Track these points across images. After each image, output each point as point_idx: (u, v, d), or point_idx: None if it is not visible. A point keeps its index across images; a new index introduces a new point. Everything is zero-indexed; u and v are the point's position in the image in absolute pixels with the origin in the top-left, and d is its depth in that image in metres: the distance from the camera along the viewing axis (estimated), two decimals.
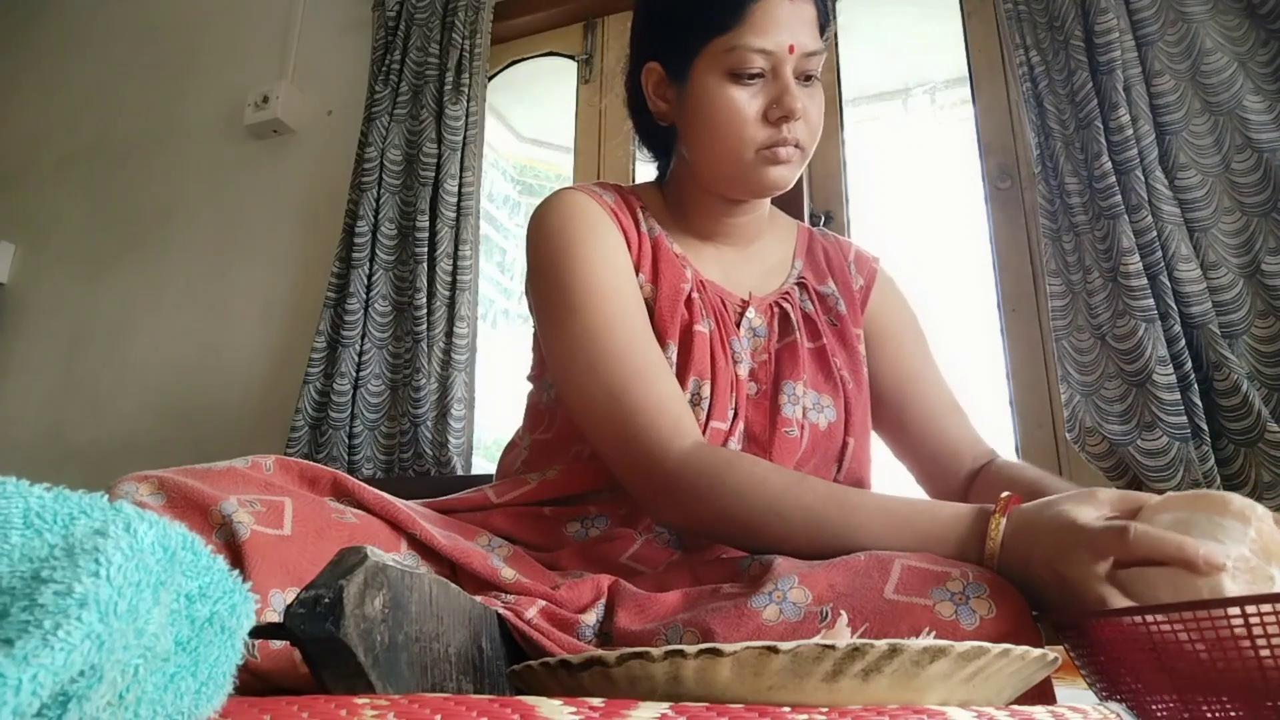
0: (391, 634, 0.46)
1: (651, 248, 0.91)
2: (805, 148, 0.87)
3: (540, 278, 0.89)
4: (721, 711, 0.38)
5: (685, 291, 0.88)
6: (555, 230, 0.88)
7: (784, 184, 0.88)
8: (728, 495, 0.72)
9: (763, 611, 0.60)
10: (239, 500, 0.62)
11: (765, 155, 0.85)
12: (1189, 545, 0.53)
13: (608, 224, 0.89)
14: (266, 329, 2.10)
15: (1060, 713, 0.43)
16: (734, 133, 0.84)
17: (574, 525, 0.86)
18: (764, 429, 0.87)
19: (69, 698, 0.28)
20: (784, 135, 0.84)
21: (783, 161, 0.85)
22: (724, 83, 0.84)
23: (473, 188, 1.92)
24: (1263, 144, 1.32)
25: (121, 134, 2.47)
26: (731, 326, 0.90)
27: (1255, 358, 1.28)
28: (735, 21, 0.83)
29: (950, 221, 1.77)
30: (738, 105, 0.84)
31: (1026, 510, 0.64)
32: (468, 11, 2.01)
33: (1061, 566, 0.58)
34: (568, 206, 0.89)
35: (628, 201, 0.94)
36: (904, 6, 1.93)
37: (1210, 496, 0.58)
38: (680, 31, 0.87)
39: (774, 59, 0.83)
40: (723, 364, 0.87)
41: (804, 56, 0.84)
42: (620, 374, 0.80)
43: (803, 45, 0.84)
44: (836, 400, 0.91)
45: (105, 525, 0.31)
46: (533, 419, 0.96)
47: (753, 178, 0.86)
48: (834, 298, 0.97)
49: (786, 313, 0.93)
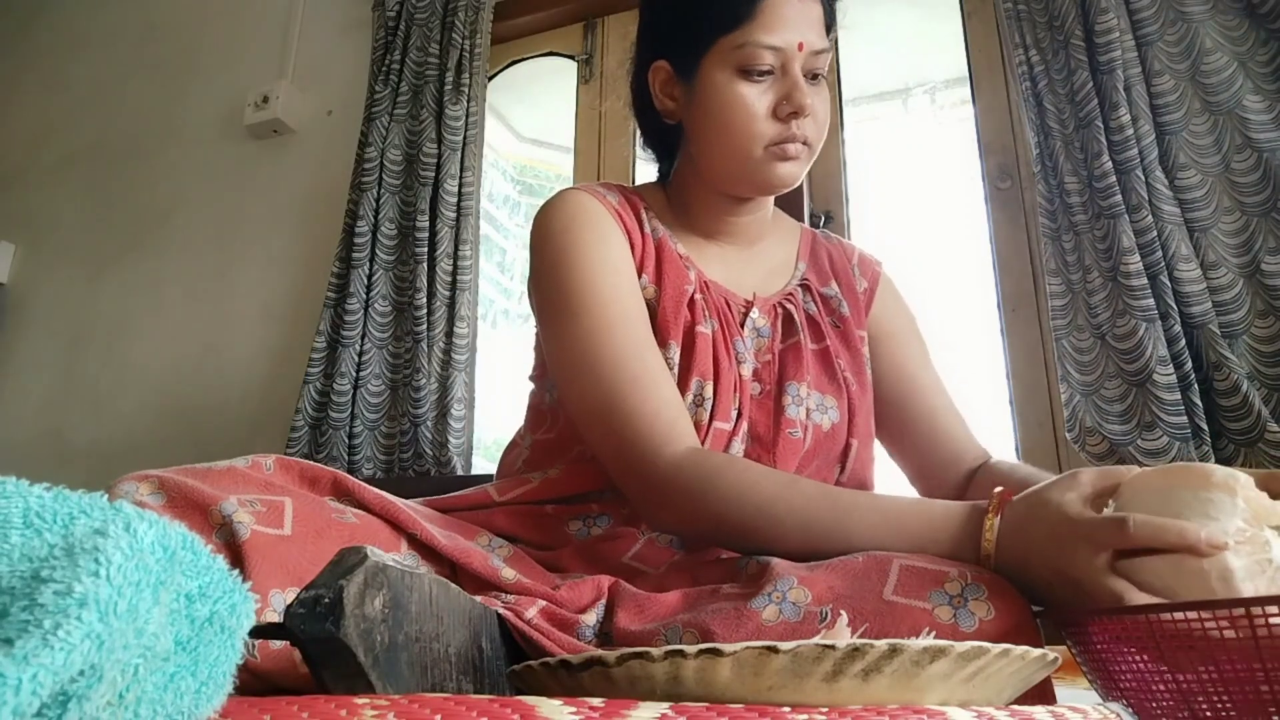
0: (392, 634, 0.46)
1: (655, 248, 0.91)
2: (813, 145, 0.88)
3: (543, 279, 0.89)
4: (721, 711, 0.38)
5: (689, 293, 0.89)
6: (559, 231, 0.88)
7: (791, 180, 0.88)
8: (720, 500, 0.72)
9: (762, 612, 0.60)
10: (239, 500, 0.62)
11: (774, 151, 0.85)
12: (1189, 530, 0.53)
13: (611, 225, 0.89)
14: (266, 329, 2.10)
15: (1060, 713, 0.43)
16: (743, 128, 0.85)
17: (576, 524, 0.86)
18: (768, 429, 0.87)
19: (69, 697, 0.28)
20: (793, 131, 0.85)
21: (792, 158, 0.86)
22: (734, 79, 0.85)
23: (473, 188, 1.92)
24: (1262, 144, 1.32)
25: (121, 134, 2.47)
26: (735, 327, 0.90)
27: (1255, 358, 1.28)
28: (746, 18, 0.84)
29: (950, 221, 1.77)
30: (747, 101, 0.84)
31: (1017, 506, 0.64)
32: (468, 11, 2.01)
33: (1063, 565, 0.58)
34: (571, 207, 0.90)
35: (631, 202, 0.94)
36: (904, 6, 1.93)
37: (1190, 470, 0.57)
38: (689, 29, 0.88)
39: (783, 56, 0.84)
40: (726, 364, 0.87)
41: (812, 54, 0.85)
42: (618, 379, 0.80)
43: (811, 43, 0.85)
44: (840, 402, 0.91)
45: (105, 525, 0.31)
46: (534, 419, 0.97)
47: (761, 174, 0.87)
48: (837, 299, 0.98)
49: (790, 314, 0.93)
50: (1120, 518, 0.56)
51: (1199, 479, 0.56)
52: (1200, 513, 0.55)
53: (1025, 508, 0.63)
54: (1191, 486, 0.56)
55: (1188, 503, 0.56)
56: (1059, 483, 0.63)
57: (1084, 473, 0.63)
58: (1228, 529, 0.53)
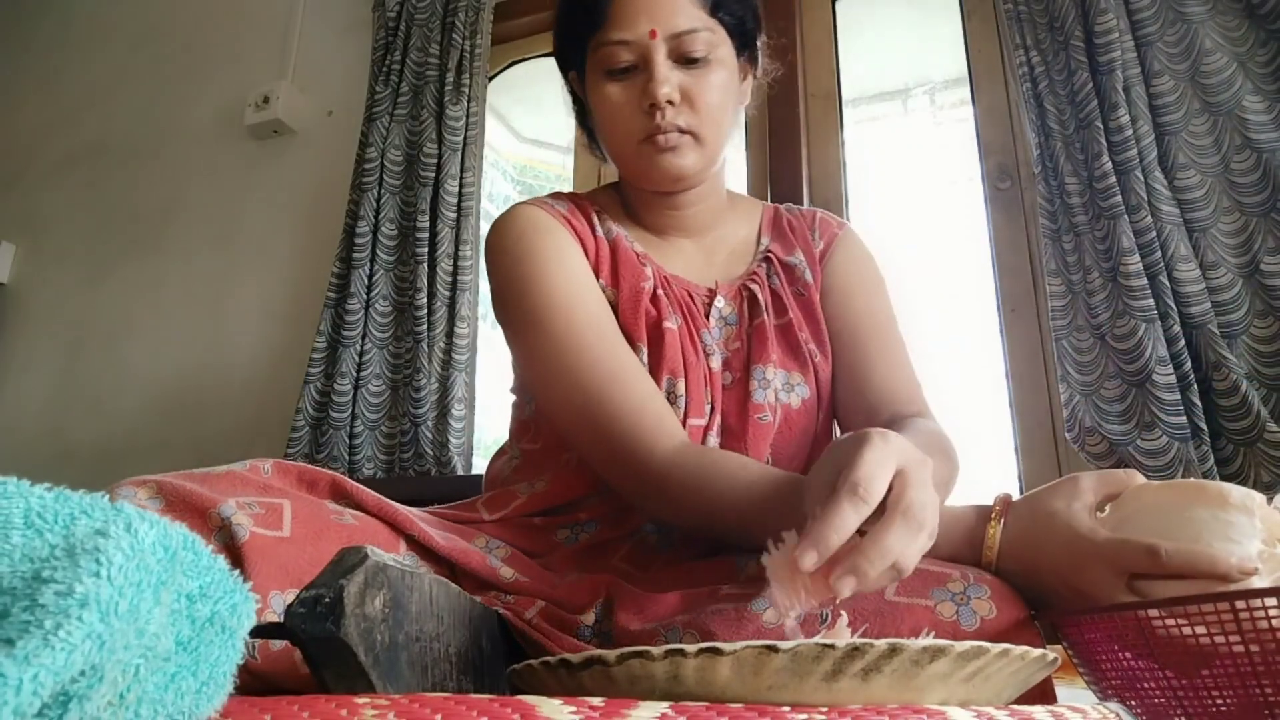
0: (392, 634, 0.46)
1: (610, 250, 0.91)
2: (697, 131, 0.85)
3: (504, 295, 0.89)
4: (721, 711, 0.38)
5: (647, 290, 0.88)
6: (509, 246, 0.88)
7: (681, 171, 0.86)
8: (714, 494, 0.72)
9: (763, 614, 0.61)
10: (238, 502, 0.62)
11: (648, 145, 0.85)
12: (1221, 560, 0.53)
13: (561, 233, 0.89)
14: (267, 329, 2.10)
15: (1060, 712, 0.43)
16: (616, 128, 0.86)
17: (564, 532, 0.86)
18: (738, 419, 0.86)
19: (70, 697, 0.28)
20: (658, 123, 0.83)
21: (668, 148, 0.84)
22: (602, 80, 0.86)
23: (473, 188, 1.92)
24: (1262, 144, 1.32)
25: (121, 134, 2.47)
26: (701, 319, 0.90)
27: (1254, 358, 1.28)
28: (601, 19, 0.84)
29: (950, 222, 1.77)
30: (613, 100, 0.85)
31: (1020, 514, 0.64)
32: (468, 12, 2.01)
33: (1078, 581, 0.58)
34: (520, 222, 0.90)
35: (581, 208, 0.94)
36: (904, 6, 1.93)
37: (1205, 489, 0.57)
38: (568, 39, 0.90)
39: (638, 48, 0.83)
40: (694, 359, 0.87)
41: (673, 38, 0.83)
42: (596, 379, 0.80)
43: (668, 27, 0.83)
44: (807, 376, 0.90)
45: (106, 525, 0.31)
46: (519, 430, 0.97)
47: (646, 168, 0.87)
48: (801, 267, 0.96)
49: (755, 294, 0.92)
50: (1151, 546, 0.55)
51: (1216, 499, 0.56)
52: (1221, 535, 0.54)
53: (1030, 517, 0.63)
54: (1209, 506, 0.56)
55: (1206, 523, 0.55)
56: (1060, 491, 0.63)
57: (1084, 479, 0.63)
58: (1250, 552, 0.53)
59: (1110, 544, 0.57)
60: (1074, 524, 0.60)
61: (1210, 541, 0.54)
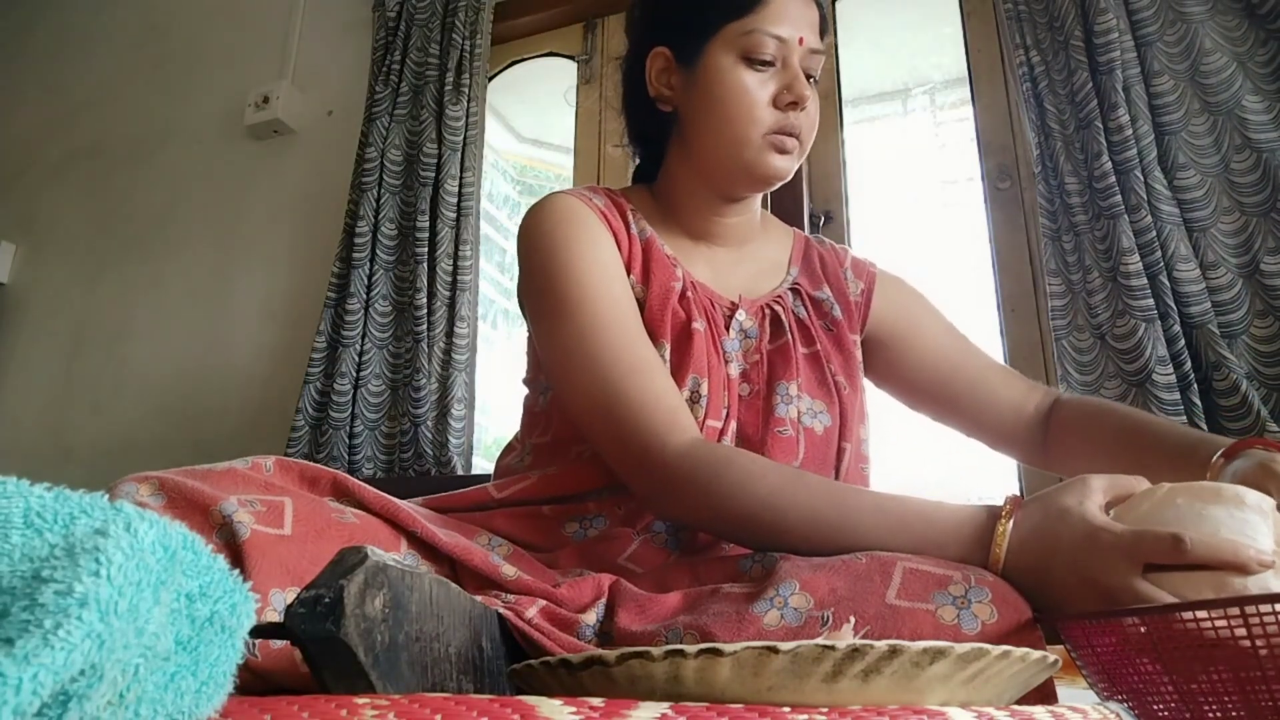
0: (392, 634, 0.46)
1: (643, 249, 0.92)
2: (804, 142, 0.90)
3: (533, 281, 0.90)
4: (721, 711, 0.38)
5: (677, 290, 0.89)
6: (546, 233, 0.89)
7: (783, 174, 0.90)
8: (725, 491, 0.72)
9: (764, 616, 0.60)
10: (239, 500, 0.62)
11: (772, 140, 0.87)
12: (1242, 548, 0.55)
13: (598, 226, 0.90)
14: (267, 329, 2.10)
15: (1060, 713, 0.43)
16: (745, 114, 0.87)
17: (573, 525, 0.86)
18: (757, 429, 0.87)
19: (69, 697, 0.28)
20: (791, 122, 0.87)
21: (786, 151, 0.88)
22: (737, 65, 0.87)
23: (473, 188, 1.92)
24: (1261, 144, 1.32)
25: (122, 134, 2.47)
26: (720, 328, 0.91)
27: (1254, 357, 1.28)
28: (753, 7, 0.87)
29: (950, 222, 1.77)
30: (750, 86, 0.87)
31: (1031, 512, 0.64)
32: (468, 12, 2.01)
33: (1094, 573, 0.58)
34: (558, 210, 0.90)
35: (617, 204, 0.95)
36: (904, 6, 1.93)
37: (1221, 490, 0.59)
38: (695, 14, 0.90)
39: (786, 48, 0.87)
40: (715, 363, 0.87)
41: (809, 53, 0.88)
42: (616, 371, 0.80)
43: (810, 43, 0.88)
44: (831, 406, 0.91)
45: (106, 525, 0.31)
46: (529, 423, 0.97)
47: (756, 163, 0.88)
48: (829, 303, 0.98)
49: (778, 315, 0.93)
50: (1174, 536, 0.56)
51: (1233, 499, 0.58)
52: (1238, 531, 0.57)
53: (1043, 513, 0.63)
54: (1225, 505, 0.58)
55: (1223, 520, 0.57)
56: (1071, 489, 0.63)
57: (1093, 479, 0.64)
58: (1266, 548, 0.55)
59: (1130, 534, 0.58)
60: (1089, 518, 0.60)
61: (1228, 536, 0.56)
